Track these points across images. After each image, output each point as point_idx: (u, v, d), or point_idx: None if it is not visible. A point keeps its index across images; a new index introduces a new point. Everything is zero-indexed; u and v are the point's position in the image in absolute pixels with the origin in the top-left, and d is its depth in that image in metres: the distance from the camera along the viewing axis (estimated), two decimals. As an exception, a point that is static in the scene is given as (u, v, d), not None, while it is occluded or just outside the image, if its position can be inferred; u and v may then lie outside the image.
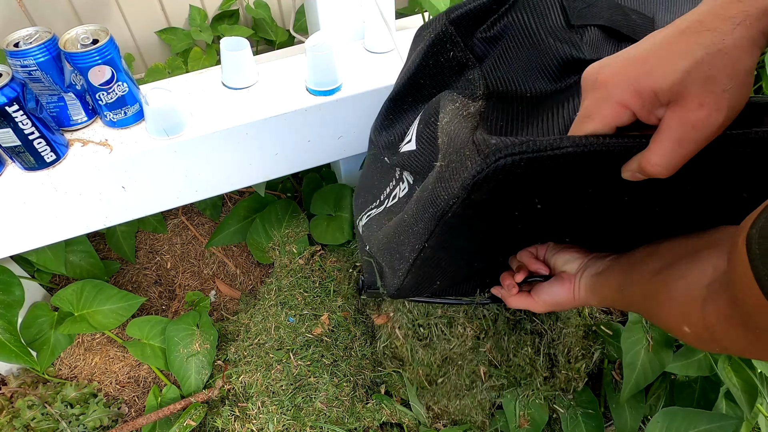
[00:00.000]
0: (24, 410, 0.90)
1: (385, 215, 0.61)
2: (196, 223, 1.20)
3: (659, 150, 0.34)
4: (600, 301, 0.53)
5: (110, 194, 0.74)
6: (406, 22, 1.19)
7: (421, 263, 0.50)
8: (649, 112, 0.34)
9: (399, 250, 0.50)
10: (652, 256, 0.46)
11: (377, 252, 0.57)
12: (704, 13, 0.33)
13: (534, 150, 0.35)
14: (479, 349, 0.84)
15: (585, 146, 0.36)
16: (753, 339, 0.32)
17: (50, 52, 0.65)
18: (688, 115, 0.32)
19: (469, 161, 0.37)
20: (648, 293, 0.44)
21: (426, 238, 0.44)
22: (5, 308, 0.83)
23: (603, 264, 0.53)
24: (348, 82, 0.79)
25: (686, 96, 0.32)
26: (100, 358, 1.02)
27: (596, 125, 0.36)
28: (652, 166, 0.35)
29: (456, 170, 0.39)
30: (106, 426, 0.94)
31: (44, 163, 0.68)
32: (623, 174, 0.38)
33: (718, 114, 0.32)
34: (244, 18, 1.31)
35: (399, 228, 0.50)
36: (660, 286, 0.42)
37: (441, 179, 0.41)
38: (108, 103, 0.70)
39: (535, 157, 0.36)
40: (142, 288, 1.13)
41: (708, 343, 0.38)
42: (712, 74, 0.31)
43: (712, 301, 0.36)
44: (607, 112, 0.35)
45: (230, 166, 0.79)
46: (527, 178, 0.38)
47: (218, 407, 0.93)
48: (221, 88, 0.79)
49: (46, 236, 0.76)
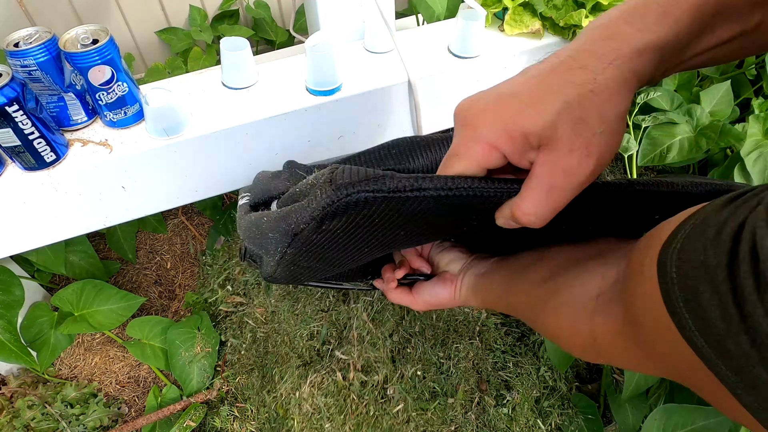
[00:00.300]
0: (24, 410, 0.90)
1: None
2: (196, 223, 1.20)
3: (530, 198, 0.32)
4: (481, 303, 0.52)
5: (110, 194, 0.74)
6: (406, 22, 1.19)
7: (286, 264, 0.48)
8: (521, 155, 0.32)
9: (264, 246, 0.48)
10: (538, 263, 0.44)
11: (245, 238, 0.55)
12: (575, 50, 0.31)
13: (391, 190, 0.33)
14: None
15: (448, 189, 0.33)
16: (642, 357, 0.31)
17: (50, 52, 0.65)
18: (559, 161, 0.30)
19: (320, 191, 0.35)
20: (534, 300, 0.42)
21: (285, 247, 0.43)
22: (5, 308, 0.83)
23: (486, 265, 0.51)
24: (348, 82, 0.79)
25: (557, 140, 0.30)
26: (100, 358, 1.02)
27: (465, 165, 0.33)
28: (524, 216, 0.32)
29: (309, 199, 0.36)
30: (106, 426, 0.94)
31: (44, 163, 0.68)
32: (497, 221, 0.36)
33: (589, 160, 0.30)
34: (244, 18, 1.31)
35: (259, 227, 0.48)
36: (546, 294, 0.41)
37: (297, 204, 0.39)
38: (108, 103, 0.70)
39: (392, 197, 0.33)
40: (142, 288, 1.13)
41: (593, 354, 0.37)
42: (583, 116, 0.29)
43: (601, 313, 0.34)
44: (477, 152, 0.33)
45: (230, 166, 0.79)
46: (389, 208, 0.35)
47: (218, 407, 0.93)
48: (221, 88, 0.79)
49: (46, 236, 0.76)
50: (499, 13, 0.88)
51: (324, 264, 0.51)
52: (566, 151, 0.30)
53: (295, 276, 0.56)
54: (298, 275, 0.56)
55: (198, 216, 1.21)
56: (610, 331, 0.33)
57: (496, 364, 0.95)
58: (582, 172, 0.30)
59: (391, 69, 0.81)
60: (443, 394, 0.92)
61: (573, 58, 0.31)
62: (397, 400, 0.91)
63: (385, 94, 0.80)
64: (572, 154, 0.30)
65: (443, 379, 0.93)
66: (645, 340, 0.29)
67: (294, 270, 0.51)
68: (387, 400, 0.92)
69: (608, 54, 0.30)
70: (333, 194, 0.34)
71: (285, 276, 0.53)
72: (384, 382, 0.93)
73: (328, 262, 0.50)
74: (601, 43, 0.30)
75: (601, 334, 0.34)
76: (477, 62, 0.82)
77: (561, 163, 0.30)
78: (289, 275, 0.54)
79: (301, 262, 0.47)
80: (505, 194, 0.34)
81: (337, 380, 0.93)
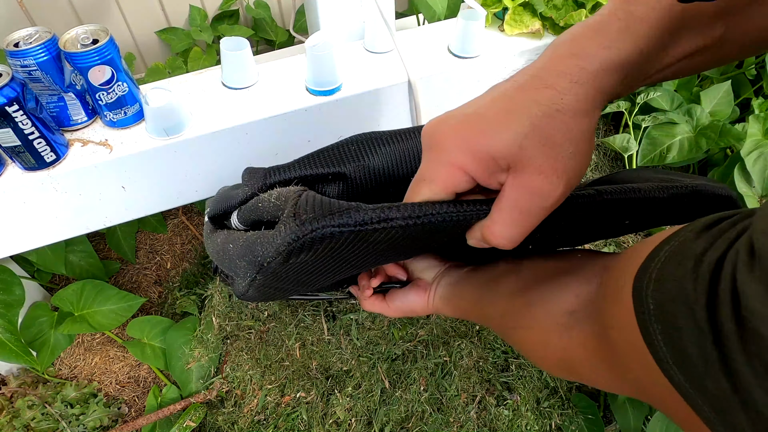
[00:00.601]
0: (24, 410, 0.90)
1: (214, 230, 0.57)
2: (196, 223, 1.20)
3: (500, 221, 0.31)
4: (453, 311, 0.52)
5: (110, 194, 0.74)
6: (406, 22, 1.19)
7: (258, 287, 0.47)
8: (490, 177, 0.31)
9: (233, 269, 0.47)
10: (511, 275, 0.44)
11: (213, 259, 0.53)
12: (541, 68, 0.31)
13: (357, 223, 0.32)
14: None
15: (416, 218, 0.32)
16: (615, 377, 0.30)
17: (50, 52, 0.65)
18: (528, 182, 0.29)
19: (284, 226, 0.34)
20: (506, 313, 0.42)
21: (253, 273, 0.42)
22: (5, 308, 0.83)
23: (459, 274, 0.51)
24: (348, 82, 0.79)
25: (525, 162, 0.29)
26: (100, 358, 1.02)
27: (433, 190, 0.33)
28: (495, 237, 0.32)
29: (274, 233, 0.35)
30: (106, 426, 0.94)
31: (44, 163, 0.68)
32: (468, 241, 0.36)
33: (559, 181, 0.30)
34: (244, 18, 1.31)
35: (227, 252, 0.47)
36: (519, 308, 0.40)
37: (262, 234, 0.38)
38: (108, 103, 0.70)
39: (359, 230, 0.32)
40: (142, 288, 1.13)
41: (565, 371, 0.36)
42: (550, 137, 0.29)
43: (575, 331, 0.34)
44: (444, 175, 0.32)
45: (230, 166, 0.79)
46: (357, 239, 0.34)
47: (218, 407, 0.93)
48: (221, 88, 0.79)
49: (46, 236, 0.76)
50: (499, 13, 0.88)
51: (297, 285, 0.50)
52: (535, 174, 0.29)
53: (268, 296, 0.55)
54: (271, 295, 0.56)
55: (198, 216, 1.21)
56: (583, 350, 0.33)
57: (496, 364, 0.95)
58: (552, 195, 0.30)
59: (391, 69, 0.81)
60: (445, 393, 0.92)
61: (538, 77, 0.30)
62: (399, 400, 0.91)
63: (385, 94, 0.80)
64: (541, 177, 0.29)
65: (445, 379, 0.93)
66: (619, 363, 0.29)
67: (266, 291, 0.50)
68: (388, 399, 0.92)
69: (573, 72, 0.30)
70: (297, 230, 0.33)
71: (258, 296, 0.52)
72: (383, 381, 0.93)
73: (301, 284, 0.50)
74: (566, 61, 0.30)
75: (574, 351, 0.34)
76: (477, 62, 0.82)
77: (530, 185, 0.30)
78: (262, 295, 0.53)
79: (273, 284, 0.47)
80: (475, 217, 0.33)
81: (339, 380, 0.93)
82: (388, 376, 0.93)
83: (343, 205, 0.33)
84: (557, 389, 0.94)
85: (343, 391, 0.92)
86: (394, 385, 0.93)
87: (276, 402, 0.92)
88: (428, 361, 0.94)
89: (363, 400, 0.91)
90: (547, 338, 0.36)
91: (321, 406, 0.92)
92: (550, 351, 0.36)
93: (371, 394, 0.92)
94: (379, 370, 0.93)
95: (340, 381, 0.94)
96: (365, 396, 0.92)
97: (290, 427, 0.90)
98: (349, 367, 0.95)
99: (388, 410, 0.90)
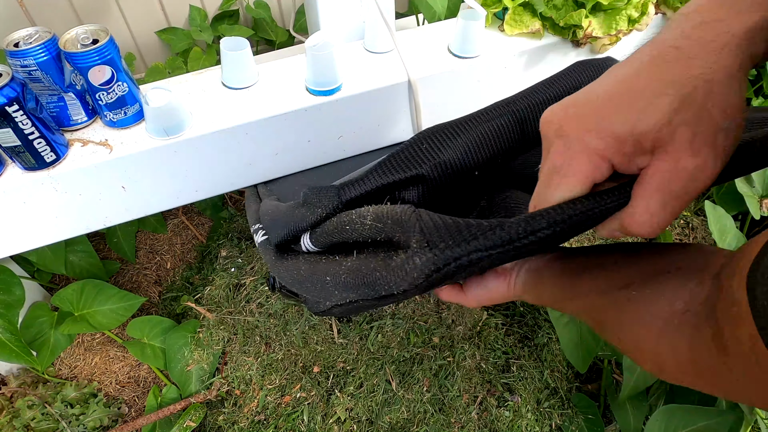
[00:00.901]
0: (24, 410, 0.90)
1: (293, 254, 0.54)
2: (196, 223, 1.20)
3: (646, 208, 0.29)
4: (535, 299, 0.50)
5: (110, 194, 0.74)
6: (406, 22, 1.19)
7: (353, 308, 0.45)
8: (630, 161, 0.29)
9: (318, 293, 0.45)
10: (604, 268, 0.41)
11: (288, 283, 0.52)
12: (678, 38, 0.28)
13: (504, 242, 0.30)
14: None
15: (563, 222, 0.30)
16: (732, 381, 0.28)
17: (50, 52, 0.65)
18: (679, 162, 0.27)
19: (418, 257, 0.32)
20: (599, 308, 0.40)
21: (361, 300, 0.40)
22: (6, 308, 0.83)
23: (542, 261, 0.48)
24: (348, 82, 0.79)
25: (675, 141, 0.27)
26: (100, 358, 1.02)
27: (571, 183, 0.30)
28: (638, 226, 0.29)
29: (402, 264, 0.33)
30: (106, 426, 0.94)
31: (44, 163, 0.68)
32: (599, 232, 0.33)
33: (715, 161, 0.27)
34: (244, 18, 1.31)
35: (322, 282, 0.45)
36: (618, 303, 0.38)
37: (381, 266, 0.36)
38: (108, 103, 0.70)
39: (507, 249, 0.30)
40: (142, 288, 1.13)
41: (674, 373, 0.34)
42: (704, 111, 0.26)
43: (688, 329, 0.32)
44: (582, 165, 0.30)
45: (230, 166, 0.79)
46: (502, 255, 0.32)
47: (218, 407, 0.93)
48: (221, 88, 0.79)
49: (46, 236, 0.76)
50: (499, 13, 0.88)
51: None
52: (687, 152, 0.27)
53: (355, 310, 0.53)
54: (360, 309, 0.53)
55: (198, 216, 1.21)
56: (696, 352, 0.30)
57: (496, 364, 0.95)
58: (706, 175, 0.27)
59: (391, 69, 0.81)
60: (447, 394, 0.92)
61: (676, 47, 0.28)
62: (401, 400, 0.91)
63: (385, 94, 0.80)
64: (695, 156, 0.27)
65: (448, 380, 0.93)
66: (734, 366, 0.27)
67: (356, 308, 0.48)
68: (391, 399, 0.92)
69: (719, 38, 0.27)
70: (436, 259, 0.31)
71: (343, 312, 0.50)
72: (387, 382, 0.93)
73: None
74: (708, 28, 0.27)
75: (686, 353, 0.31)
76: (477, 62, 0.82)
77: (681, 165, 0.27)
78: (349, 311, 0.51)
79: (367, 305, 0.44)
80: (615, 208, 0.31)
81: (340, 381, 0.93)
82: (394, 376, 0.93)
83: (482, 226, 0.31)
84: (557, 390, 0.94)
85: (344, 391, 0.92)
86: (398, 385, 0.93)
87: (276, 402, 0.92)
88: (433, 363, 0.94)
89: (365, 400, 0.91)
90: (658, 339, 0.34)
91: (321, 406, 0.92)
92: (658, 352, 0.34)
93: (373, 393, 0.92)
94: (387, 371, 0.93)
95: (342, 381, 0.94)
96: (367, 396, 0.92)
97: (290, 427, 0.90)
98: (352, 367, 0.94)
99: (390, 410, 0.90)
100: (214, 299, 1.04)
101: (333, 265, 0.43)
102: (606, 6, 0.80)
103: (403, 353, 0.94)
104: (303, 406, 0.91)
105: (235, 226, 1.18)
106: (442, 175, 0.47)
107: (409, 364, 0.94)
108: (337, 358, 0.95)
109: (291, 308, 1.00)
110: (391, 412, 0.90)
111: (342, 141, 0.84)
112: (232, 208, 1.22)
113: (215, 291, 1.04)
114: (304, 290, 0.47)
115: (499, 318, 1.01)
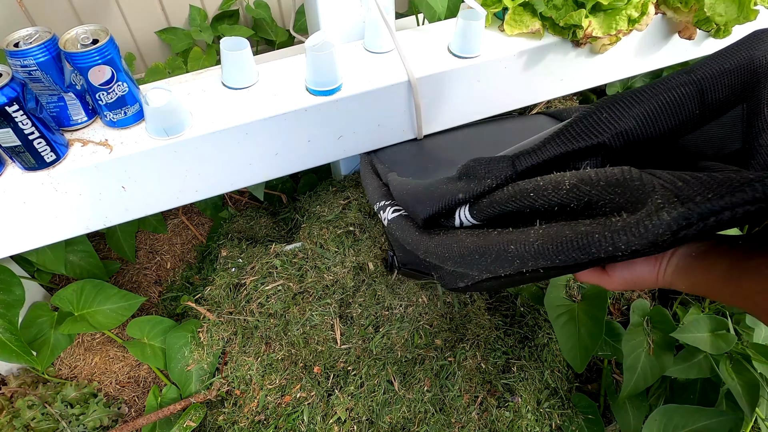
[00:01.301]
0: (24, 410, 0.90)
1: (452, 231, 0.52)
2: (196, 223, 1.20)
3: None
4: (690, 287, 0.46)
5: (110, 194, 0.74)
6: (406, 22, 1.19)
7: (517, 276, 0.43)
8: None
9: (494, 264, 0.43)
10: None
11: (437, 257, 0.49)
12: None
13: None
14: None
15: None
16: None
17: (50, 52, 0.65)
18: None
19: (666, 213, 0.30)
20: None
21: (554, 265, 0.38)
22: (6, 308, 0.83)
23: (700, 246, 0.45)
24: (348, 82, 0.79)
25: None
26: (100, 358, 1.02)
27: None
28: None
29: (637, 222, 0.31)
30: (106, 426, 0.94)
31: (44, 163, 0.68)
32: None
33: None
34: (244, 18, 1.31)
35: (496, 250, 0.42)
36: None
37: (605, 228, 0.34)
38: (108, 103, 0.70)
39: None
40: (142, 288, 1.13)
41: None
42: None
43: None
44: None
45: (230, 166, 0.79)
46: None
47: (218, 407, 0.93)
48: (221, 88, 0.79)
49: (46, 236, 0.76)
50: (499, 13, 0.88)
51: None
52: None
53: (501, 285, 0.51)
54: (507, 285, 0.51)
55: (198, 216, 1.21)
56: None
57: (497, 364, 0.95)
58: None
59: (391, 69, 0.81)
60: (448, 394, 0.92)
61: None
62: (401, 400, 0.91)
63: (385, 94, 0.80)
64: None
65: (449, 380, 0.93)
66: None
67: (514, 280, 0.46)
68: (391, 399, 0.92)
69: None
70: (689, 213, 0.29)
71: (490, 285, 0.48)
72: (389, 383, 0.93)
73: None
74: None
75: None
76: (477, 62, 0.82)
77: None
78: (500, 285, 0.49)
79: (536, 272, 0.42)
80: None
81: (341, 382, 0.93)
82: (396, 377, 0.93)
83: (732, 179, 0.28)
84: (557, 390, 0.94)
85: (344, 391, 0.92)
86: (399, 385, 0.93)
87: (276, 402, 0.92)
88: (434, 363, 0.94)
89: (365, 400, 0.91)
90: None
91: (322, 406, 0.92)
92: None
93: (374, 393, 0.92)
94: (389, 371, 0.93)
95: (343, 380, 0.94)
96: (367, 395, 0.92)
97: (291, 427, 0.90)
98: (353, 367, 0.94)
99: (391, 410, 0.90)
100: (214, 299, 1.04)
101: (515, 234, 0.41)
102: (606, 6, 0.80)
103: (405, 354, 0.94)
104: (303, 406, 0.91)
105: (235, 226, 1.18)
106: (623, 144, 0.45)
107: (411, 365, 0.94)
108: (338, 358, 0.95)
109: (292, 308, 0.99)
110: (392, 411, 0.90)
111: (342, 141, 0.84)
112: (232, 208, 1.22)
113: (215, 291, 1.04)
114: (463, 264, 0.45)
115: (499, 318, 1.01)
